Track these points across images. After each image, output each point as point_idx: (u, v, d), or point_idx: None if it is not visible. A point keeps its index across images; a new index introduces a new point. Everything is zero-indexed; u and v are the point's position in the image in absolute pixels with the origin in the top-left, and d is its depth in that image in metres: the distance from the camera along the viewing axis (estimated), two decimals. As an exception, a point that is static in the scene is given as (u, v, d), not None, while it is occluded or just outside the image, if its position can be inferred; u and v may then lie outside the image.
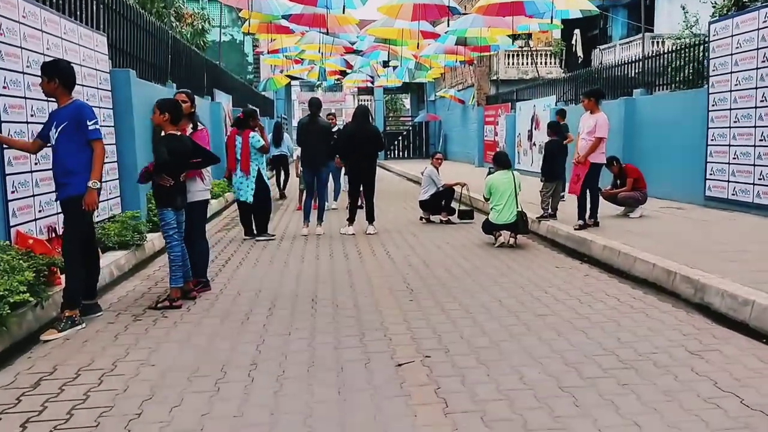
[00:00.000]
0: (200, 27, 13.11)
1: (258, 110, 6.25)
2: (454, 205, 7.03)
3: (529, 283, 4.10)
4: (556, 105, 11.81)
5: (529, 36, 15.78)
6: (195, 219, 3.87)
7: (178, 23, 12.04)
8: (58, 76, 3.10)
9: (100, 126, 5.13)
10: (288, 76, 17.72)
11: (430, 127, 25.22)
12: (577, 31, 16.90)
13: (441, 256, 5.06)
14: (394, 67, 16.34)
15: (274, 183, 10.33)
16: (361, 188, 6.32)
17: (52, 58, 3.63)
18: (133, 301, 3.72)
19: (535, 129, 13.43)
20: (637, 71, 9.49)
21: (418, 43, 8.97)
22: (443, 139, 23.16)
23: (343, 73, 18.03)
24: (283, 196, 10.19)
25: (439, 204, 6.93)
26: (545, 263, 4.76)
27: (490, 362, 2.66)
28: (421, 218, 7.15)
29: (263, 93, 19.43)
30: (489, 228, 5.45)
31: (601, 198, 5.83)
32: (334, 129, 7.39)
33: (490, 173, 5.54)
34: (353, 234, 6.21)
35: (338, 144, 6.43)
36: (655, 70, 9.02)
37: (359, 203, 6.52)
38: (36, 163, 3.93)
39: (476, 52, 11.29)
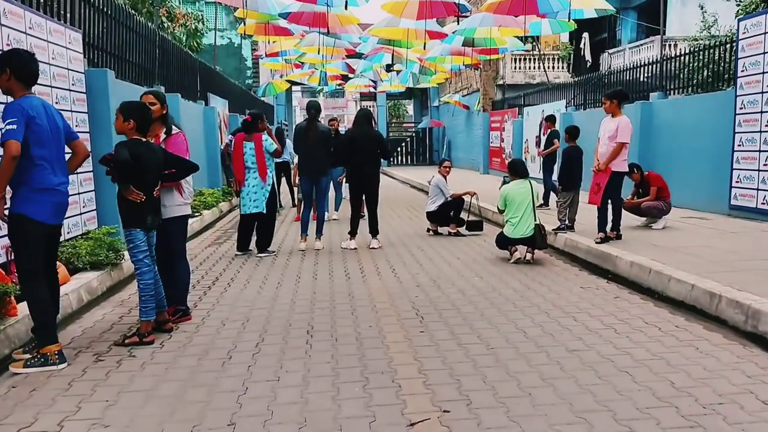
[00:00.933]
0: (193, 28, 12.67)
1: (263, 113, 5.76)
2: (463, 215, 6.54)
3: (553, 307, 3.60)
4: (566, 110, 11.37)
5: (536, 39, 15.35)
6: (173, 238, 3.38)
7: (170, 24, 11.63)
8: (9, 65, 2.63)
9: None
10: (288, 81, 17.34)
11: (433, 133, 24.84)
12: (585, 35, 16.50)
13: (452, 274, 4.57)
14: (398, 72, 15.94)
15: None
16: (363, 197, 5.82)
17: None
18: (99, 334, 3.22)
19: (543, 135, 12.97)
20: (648, 74, 9.08)
21: (425, 44, 8.51)
22: (447, 146, 22.76)
23: (345, 78, 17.64)
24: (280, 206, 9.72)
25: (448, 215, 6.44)
26: (568, 282, 4.25)
27: (523, 419, 2.16)
28: (428, 230, 6.66)
29: (263, 98, 19.05)
30: (504, 242, 4.96)
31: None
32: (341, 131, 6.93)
33: (504, 183, 5.05)
34: (355, 248, 5.72)
35: (338, 150, 5.97)
36: (669, 74, 8.59)
37: (361, 213, 6.05)
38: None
39: (484, 55, 10.85)
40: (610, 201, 5.04)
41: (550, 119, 8.04)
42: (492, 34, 8.47)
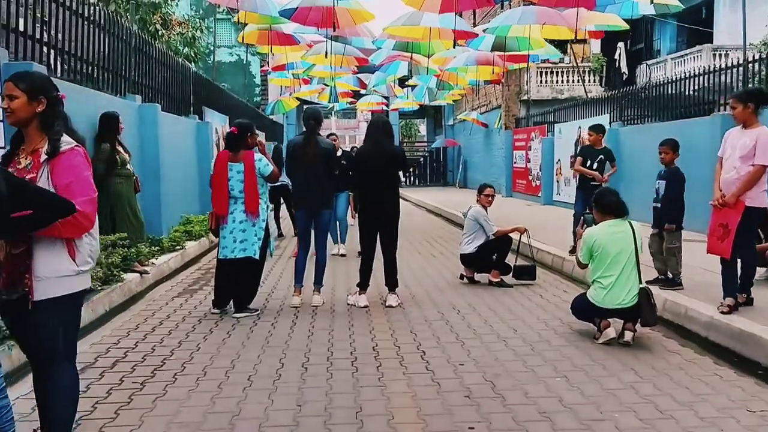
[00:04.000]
0: (191, 36, 11.56)
1: (253, 124, 4.31)
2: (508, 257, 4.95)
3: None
4: (610, 125, 9.88)
5: (564, 50, 14.00)
6: (50, 332, 1.90)
7: (164, 31, 10.55)
8: None
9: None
10: (297, 98, 16.33)
11: (447, 154, 23.57)
12: (620, 45, 15.09)
13: (515, 364, 2.99)
14: (413, 87, 14.70)
15: (272, 217, 8.50)
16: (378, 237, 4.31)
17: None
18: None
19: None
20: (697, 87, 7.67)
21: (454, 43, 7.13)
22: (463, 166, 21.40)
23: (357, 96, 16.52)
24: (280, 235, 8.31)
25: (489, 258, 4.89)
26: (715, 393, 2.61)
27: None
28: (461, 276, 5.10)
29: (271, 116, 18.00)
30: (588, 312, 3.37)
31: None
32: (339, 153, 5.49)
33: (586, 224, 3.50)
34: (366, 306, 4.19)
35: (348, 173, 4.54)
36: (719, 87, 7.22)
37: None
38: None
39: (513, 63, 9.46)
40: (739, 250, 3.44)
41: (600, 129, 5.84)
42: (531, 33, 7.05)
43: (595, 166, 5.60)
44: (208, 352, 3.21)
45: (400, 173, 4.50)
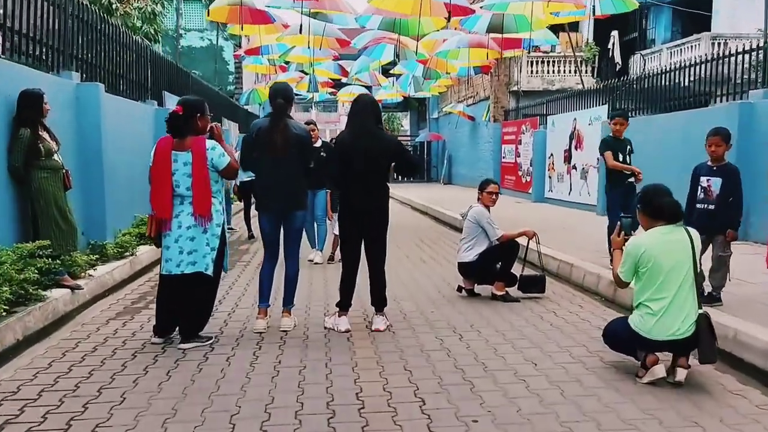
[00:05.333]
0: (150, 11, 10.36)
1: (204, 101, 3.30)
2: (513, 266, 4.24)
3: None
4: (609, 117, 9.32)
5: (567, 33, 13.38)
6: None
7: (119, 5, 9.40)
8: None
9: None
10: (274, 88, 15.32)
11: (432, 148, 22.94)
12: (614, 33, 14.56)
13: (546, 420, 2.25)
14: (397, 76, 13.88)
15: (241, 217, 7.62)
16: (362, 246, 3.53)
17: None
18: None
19: (575, 148, 10.89)
20: (693, 78, 7.21)
21: (449, 17, 6.36)
22: (447, 161, 20.80)
23: (338, 85, 15.60)
24: (251, 237, 7.46)
25: (492, 269, 4.17)
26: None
27: None
28: (459, 288, 4.37)
29: (246, 107, 16.93)
30: (631, 343, 2.66)
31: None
32: (317, 144, 4.68)
33: (624, 230, 2.79)
34: (347, 331, 3.41)
35: (327, 167, 3.75)
36: (718, 78, 6.82)
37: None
38: None
39: (507, 50, 8.75)
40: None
41: (627, 116, 5.08)
42: (533, 9, 6.32)
43: (628, 160, 4.83)
44: (134, 407, 2.38)
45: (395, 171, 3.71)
